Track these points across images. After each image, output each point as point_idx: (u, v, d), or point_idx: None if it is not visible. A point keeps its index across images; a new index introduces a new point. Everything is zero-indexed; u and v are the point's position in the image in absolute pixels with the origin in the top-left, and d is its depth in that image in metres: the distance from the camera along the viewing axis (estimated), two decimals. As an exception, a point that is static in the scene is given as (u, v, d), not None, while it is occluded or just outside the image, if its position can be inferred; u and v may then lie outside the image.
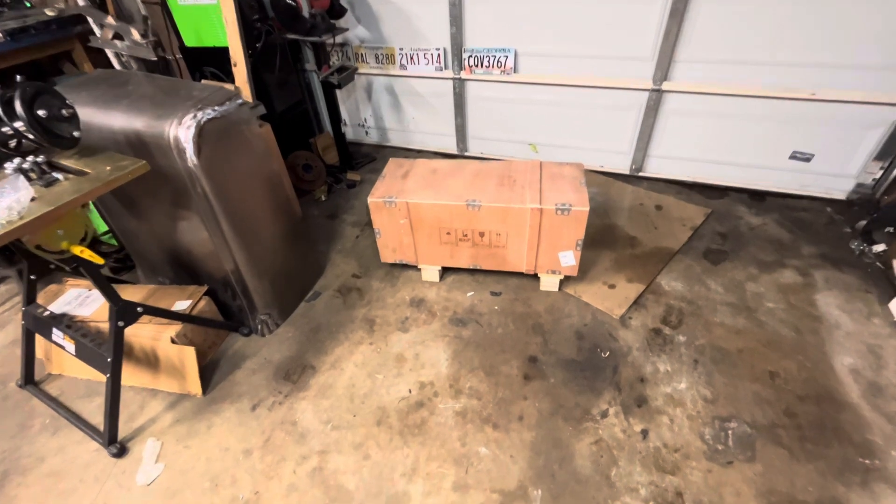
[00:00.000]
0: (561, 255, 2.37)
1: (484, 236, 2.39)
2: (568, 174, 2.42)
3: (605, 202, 3.24)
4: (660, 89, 3.02)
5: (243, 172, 2.06)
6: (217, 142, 1.89)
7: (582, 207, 2.16)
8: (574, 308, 2.46)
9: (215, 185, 1.91)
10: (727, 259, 2.70)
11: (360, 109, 4.13)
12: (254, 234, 2.19)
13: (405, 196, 2.35)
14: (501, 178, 2.44)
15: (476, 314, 2.48)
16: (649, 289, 2.54)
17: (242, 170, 2.05)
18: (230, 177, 1.99)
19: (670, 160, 3.36)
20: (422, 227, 2.44)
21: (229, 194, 1.99)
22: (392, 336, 2.39)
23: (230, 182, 1.99)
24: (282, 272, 2.43)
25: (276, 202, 2.32)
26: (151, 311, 1.98)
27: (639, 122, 3.23)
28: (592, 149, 3.54)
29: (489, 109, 3.64)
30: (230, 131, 1.94)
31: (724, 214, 3.06)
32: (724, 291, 2.49)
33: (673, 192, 3.30)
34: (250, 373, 2.26)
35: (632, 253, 2.78)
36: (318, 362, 2.28)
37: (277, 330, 2.47)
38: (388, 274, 2.78)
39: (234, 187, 2.02)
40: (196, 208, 1.99)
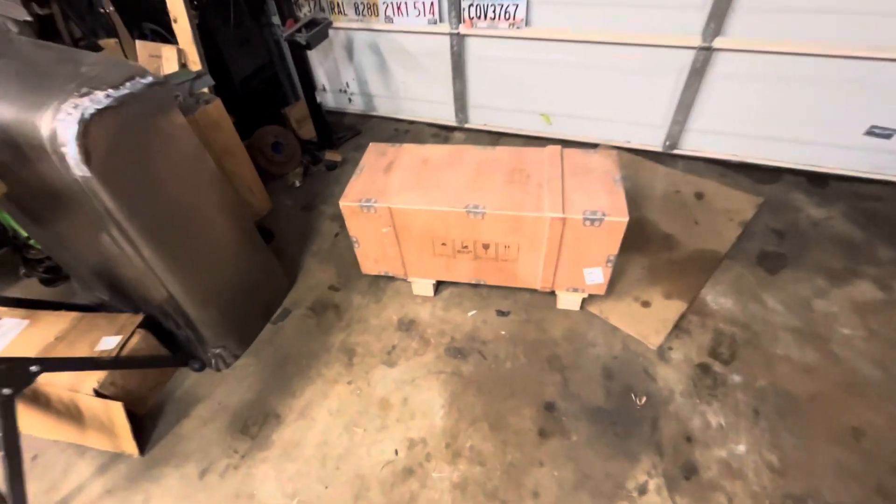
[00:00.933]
0: (586, 272, 1.87)
1: (489, 248, 1.89)
2: (598, 166, 1.87)
3: (634, 188, 2.69)
4: (710, 47, 2.39)
5: (164, 177, 1.53)
6: (116, 140, 1.35)
7: (618, 217, 1.64)
8: (600, 334, 2.00)
9: (121, 198, 1.39)
10: (787, 266, 2.20)
11: (340, 72, 3.48)
12: (189, 255, 1.69)
13: (388, 198, 1.83)
14: (511, 171, 1.90)
15: (479, 342, 2.01)
16: (692, 307, 2.06)
17: (162, 174, 1.52)
18: (143, 186, 1.46)
19: (713, 135, 2.77)
20: (410, 237, 1.93)
21: (144, 208, 1.47)
22: (375, 372, 1.94)
23: (144, 192, 1.47)
24: (237, 294, 1.95)
25: (220, 208, 1.80)
26: (55, 366, 1.52)
27: (678, 88, 2.62)
28: (618, 121, 2.94)
29: (494, 72, 3.00)
30: (136, 125, 1.40)
31: (778, 205, 2.52)
32: (785, 311, 2.01)
33: (715, 175, 2.74)
34: (201, 423, 1.83)
35: (669, 258, 2.28)
36: (284, 408, 1.85)
37: (236, 363, 2.02)
38: (373, 285, 2.30)
39: (150, 198, 1.49)
40: (101, 228, 1.48)
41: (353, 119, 3.64)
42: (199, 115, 2.20)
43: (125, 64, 1.41)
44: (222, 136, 2.36)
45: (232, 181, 2.49)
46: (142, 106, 1.39)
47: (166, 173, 1.52)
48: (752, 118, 2.61)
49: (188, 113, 2.16)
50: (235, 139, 2.44)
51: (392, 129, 3.45)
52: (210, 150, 2.32)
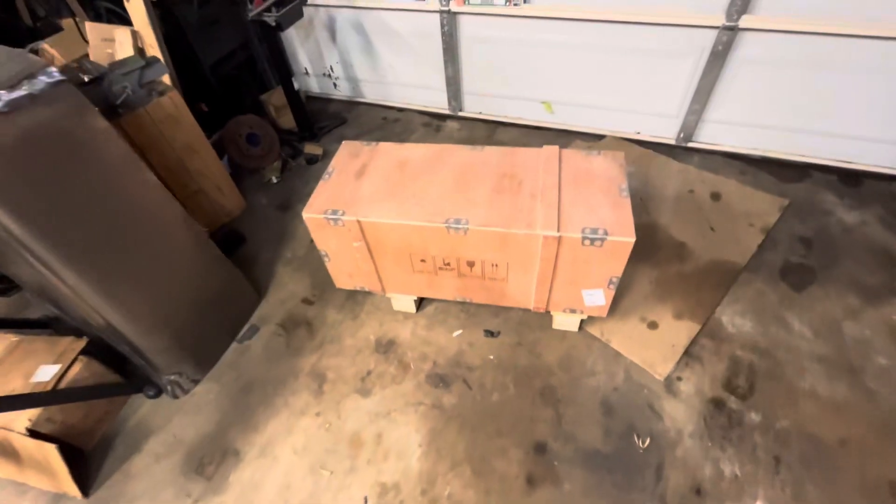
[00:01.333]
0: (585, 294, 1.64)
1: (474, 266, 1.65)
2: (601, 172, 1.61)
3: (643, 187, 2.42)
4: (735, 26, 2.08)
5: (84, 194, 1.30)
6: (14, 154, 1.11)
7: (623, 237, 1.39)
8: (600, 360, 1.77)
9: (27, 221, 1.17)
10: (814, 281, 1.94)
11: (323, 54, 3.19)
12: (127, 279, 1.47)
13: (358, 209, 1.59)
14: (501, 177, 1.64)
15: (464, 368, 1.80)
16: (706, 329, 1.82)
17: (81, 190, 1.29)
18: (56, 205, 1.23)
19: (733, 127, 2.48)
20: (384, 253, 1.70)
21: (60, 231, 1.25)
22: (347, 402, 1.74)
23: (58, 212, 1.24)
24: (192, 315, 1.74)
25: (163, 223, 1.57)
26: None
27: (697, 73, 2.32)
28: (627, 110, 2.64)
29: (490, 55, 2.70)
30: (40, 133, 1.16)
31: (805, 207, 2.24)
32: (812, 336, 1.77)
33: (735, 173, 2.46)
34: (153, 460, 1.65)
35: (680, 270, 2.03)
36: (245, 444, 1.66)
37: (195, 389, 1.83)
38: (350, 298, 2.08)
39: (67, 219, 1.27)
40: (15, 253, 1.27)
41: (339, 106, 3.36)
42: (151, 109, 1.95)
43: (22, 58, 1.16)
44: (182, 132, 2.11)
45: (197, 181, 2.27)
46: (46, 110, 1.15)
47: (86, 189, 1.29)
48: (779, 108, 2.32)
49: (138, 107, 1.92)
50: (198, 134, 2.19)
51: (380, 118, 3.17)
52: (168, 148, 2.11)
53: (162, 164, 2.10)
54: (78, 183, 1.26)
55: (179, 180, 2.20)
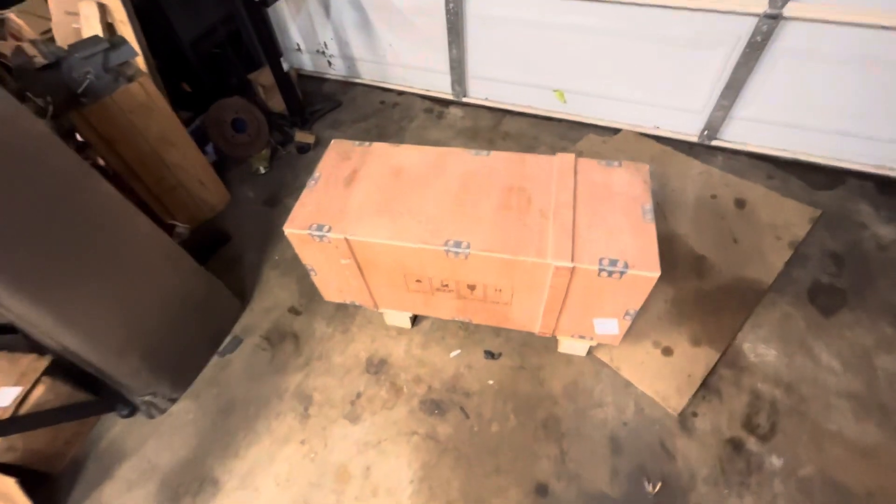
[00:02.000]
0: (597, 322, 1.48)
1: (475, 289, 1.49)
2: (622, 189, 1.42)
3: (661, 190, 2.23)
4: (779, 14, 1.84)
5: (20, 213, 1.12)
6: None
7: (647, 272, 1.22)
8: (609, 390, 1.64)
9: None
10: (846, 305, 1.78)
11: (316, 30, 2.92)
12: (87, 302, 1.31)
13: (346, 224, 1.41)
14: (508, 190, 1.46)
15: (461, 393, 1.67)
16: (726, 357, 1.68)
17: (17, 209, 1.11)
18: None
19: (763, 125, 2.26)
20: (376, 272, 1.53)
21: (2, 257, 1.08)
22: (335, 429, 1.62)
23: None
24: (165, 333, 1.59)
25: (126, 237, 1.40)
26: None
27: (729, 64, 2.08)
28: (646, 102, 2.41)
29: (499, 36, 2.45)
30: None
31: (838, 218, 2.06)
32: (841, 369, 1.62)
33: (762, 177, 2.26)
34: (125, 487, 1.55)
35: (699, 287, 1.87)
36: (224, 473, 1.55)
37: (172, 408, 1.71)
38: (340, 309, 1.93)
39: (9, 242, 1.09)
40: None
41: (334, 86, 3.11)
42: (118, 97, 1.74)
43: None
44: (156, 122, 1.91)
45: (176, 175, 2.08)
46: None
47: (28, 205, 1.11)
48: (817, 106, 2.09)
49: (103, 95, 1.71)
50: (174, 124, 1.98)
51: (378, 102, 2.93)
52: (141, 140, 1.90)
53: (135, 159, 1.91)
54: (17, 199, 1.08)
55: (155, 174, 2.01)
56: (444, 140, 2.63)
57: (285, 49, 3.15)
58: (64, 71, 1.63)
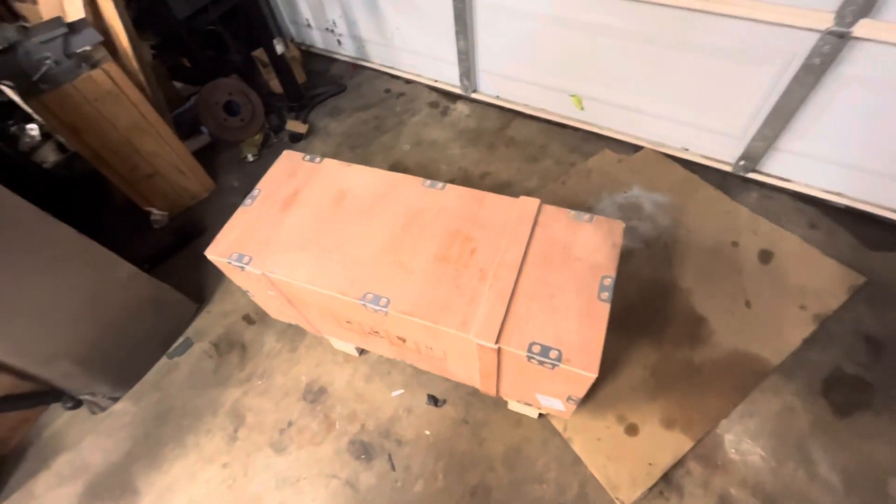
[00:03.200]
0: (541, 397, 1.29)
1: (406, 342, 1.33)
2: (585, 250, 1.18)
3: (673, 227, 1.92)
4: (846, 33, 1.44)
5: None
6: None
7: (581, 370, 1.01)
8: (553, 463, 1.45)
9: None
10: (868, 407, 1.46)
11: (324, 6, 2.72)
12: (7, 313, 1.28)
13: (267, 257, 1.28)
14: (453, 235, 1.26)
15: (393, 440, 1.55)
16: (700, 447, 1.43)
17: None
18: None
19: (814, 161, 1.86)
20: (305, 307, 1.40)
21: None
22: (259, 457, 1.56)
23: None
24: (105, 336, 1.57)
25: (46, 251, 1.35)
26: None
27: (779, 86, 1.70)
28: (676, 119, 2.06)
29: (511, 30, 2.15)
30: None
31: (887, 291, 1.68)
32: (842, 489, 1.34)
33: (802, 224, 1.88)
34: (57, 482, 1.58)
35: (688, 358, 1.60)
36: (146, 484, 1.54)
37: (114, 407, 1.71)
38: (291, 326, 1.84)
39: None
40: None
41: (343, 68, 2.93)
42: (80, 85, 1.67)
43: None
44: (125, 110, 1.84)
45: (152, 163, 2.03)
46: None
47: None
48: (883, 146, 1.69)
49: (63, 82, 1.64)
50: (146, 111, 1.90)
51: (383, 90, 2.73)
52: (110, 128, 1.84)
53: (104, 147, 1.86)
54: None
55: (128, 163, 1.97)
56: (441, 141, 2.41)
57: (296, 24, 2.98)
58: (20, 55, 1.57)
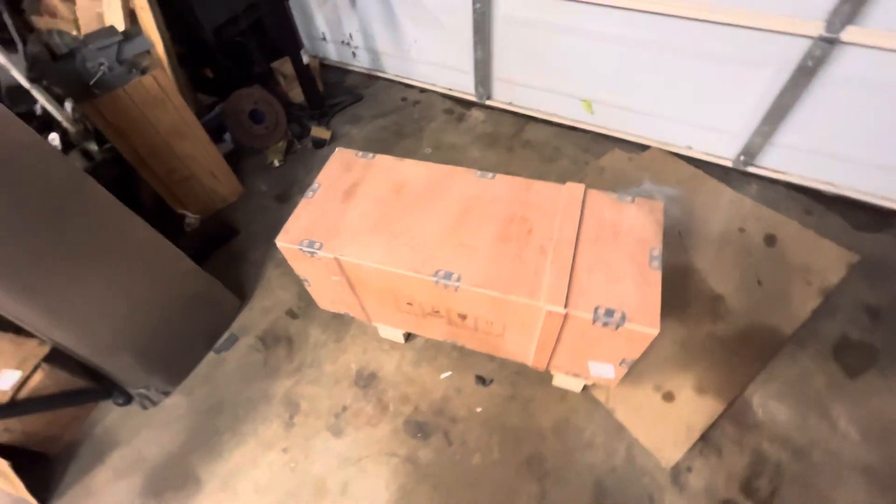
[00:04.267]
0: (592, 365, 1.40)
1: (466, 319, 1.43)
2: (631, 226, 1.32)
3: (685, 217, 2.09)
4: (835, 38, 1.65)
5: (19, 218, 1.12)
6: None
7: (645, 328, 1.13)
8: (600, 432, 1.56)
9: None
10: (875, 366, 1.63)
11: (342, 21, 2.85)
12: (79, 302, 1.33)
13: (338, 243, 1.37)
14: (509, 219, 1.38)
15: (447, 418, 1.63)
16: (731, 410, 1.57)
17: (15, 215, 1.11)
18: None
19: (807, 154, 2.07)
20: (367, 291, 1.49)
21: None
22: (317, 441, 1.61)
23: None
24: (160, 331, 1.61)
25: (119, 241, 1.41)
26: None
27: (775, 87, 1.91)
28: (680, 120, 2.25)
29: (527, 39, 2.32)
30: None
31: (879, 266, 1.88)
32: (860, 439, 1.49)
33: (799, 211, 2.08)
34: (114, 476, 1.60)
35: (712, 331, 1.75)
36: (207, 472, 1.58)
37: (165, 401, 1.74)
38: (336, 318, 1.91)
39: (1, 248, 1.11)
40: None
41: (357, 79, 3.05)
42: (130, 90, 1.75)
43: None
44: (168, 115, 1.91)
45: (188, 166, 2.09)
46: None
47: (20, 212, 1.12)
48: (868, 139, 1.90)
49: (116, 87, 1.71)
50: (187, 116, 1.98)
51: (399, 99, 2.86)
52: (153, 131, 1.91)
53: (146, 150, 1.92)
54: (7, 207, 1.09)
55: (167, 165, 2.03)
56: (461, 145, 2.54)
57: (311, 38, 3.10)
58: (78, 61, 1.64)
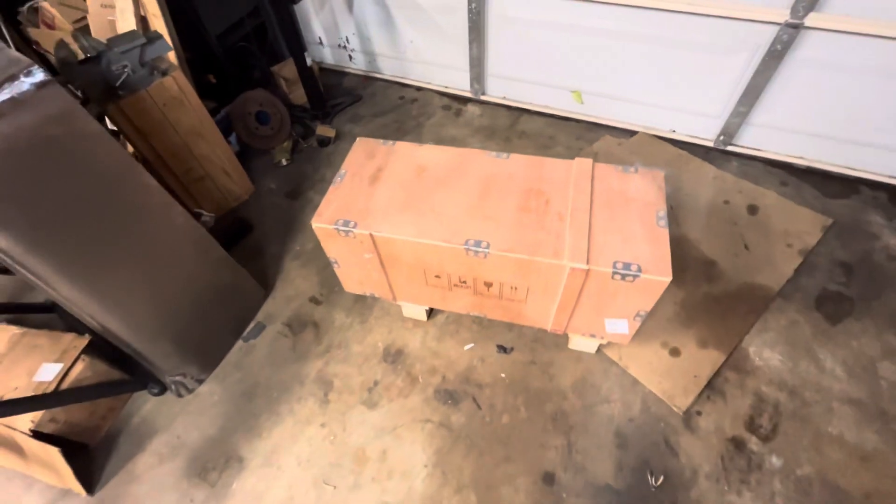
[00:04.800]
0: (608, 322, 1.54)
1: (491, 287, 1.55)
2: (638, 195, 1.47)
3: (675, 194, 2.26)
4: (800, 24, 1.85)
5: (73, 201, 1.19)
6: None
7: (659, 276, 1.28)
8: (616, 387, 1.70)
9: (11, 233, 1.08)
10: (852, 314, 1.82)
11: (338, 24, 2.96)
12: (126, 286, 1.40)
13: (371, 221, 1.48)
14: (527, 193, 1.51)
15: (474, 385, 1.74)
16: (731, 360, 1.73)
17: (71, 198, 1.18)
18: (42, 215, 1.13)
19: (779, 132, 2.28)
20: (398, 267, 1.60)
21: (48, 242, 1.16)
22: (353, 414, 1.70)
23: (44, 223, 1.14)
24: (195, 317, 1.68)
25: (162, 227, 1.48)
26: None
27: (749, 71, 2.10)
28: (664, 106, 2.44)
29: (519, 36, 2.48)
30: (22, 141, 1.04)
31: (850, 228, 2.08)
32: (845, 376, 1.67)
33: (775, 183, 2.28)
34: (156, 460, 1.65)
35: (708, 292, 1.91)
36: (249, 451, 1.64)
37: (199, 389, 1.80)
38: (359, 301, 2.01)
39: (56, 229, 1.17)
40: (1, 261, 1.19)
41: (354, 80, 3.16)
42: (153, 91, 1.82)
43: (2, 57, 1.03)
44: (187, 115, 1.98)
45: (204, 166, 2.16)
46: (30, 116, 1.03)
47: (78, 198, 1.19)
48: (833, 115, 2.11)
49: (139, 88, 1.78)
50: (203, 116, 2.05)
51: (397, 98, 2.98)
52: (172, 132, 1.98)
53: (166, 150, 1.99)
54: (68, 193, 1.16)
55: (184, 166, 2.09)
56: (461, 137, 2.68)
57: (307, 43, 3.20)
58: (103, 64, 1.70)
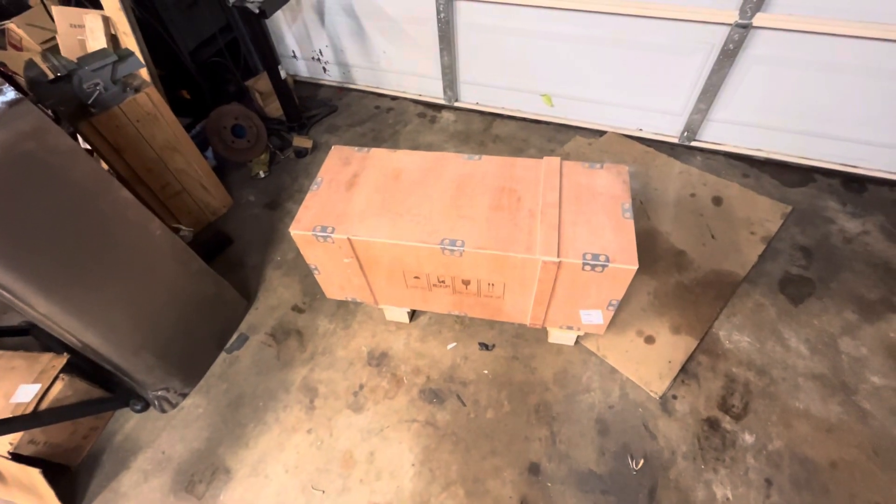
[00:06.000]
0: (583, 314, 1.60)
1: (469, 285, 1.60)
2: (604, 189, 1.54)
3: (644, 189, 2.35)
4: (748, 24, 1.97)
5: (47, 218, 1.20)
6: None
7: (626, 265, 1.34)
8: (596, 376, 1.76)
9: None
10: (813, 294, 1.92)
11: (311, 37, 3.01)
12: (107, 301, 1.40)
13: (349, 225, 1.51)
14: (499, 191, 1.57)
15: (458, 383, 1.78)
16: (703, 344, 1.80)
17: (45, 215, 1.19)
18: (16, 234, 1.14)
19: (738, 127, 2.40)
20: (377, 270, 1.63)
21: (22, 260, 1.16)
22: (339, 419, 1.72)
23: (18, 242, 1.15)
24: (178, 330, 1.68)
25: (140, 241, 1.49)
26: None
27: (705, 70, 2.22)
28: (629, 105, 2.54)
29: (488, 43, 2.56)
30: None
31: (807, 214, 2.20)
32: (808, 353, 1.76)
33: (737, 175, 2.40)
34: (142, 477, 1.63)
35: (679, 281, 1.99)
36: (235, 462, 1.64)
37: (183, 402, 1.79)
38: (341, 307, 2.03)
39: (31, 247, 1.18)
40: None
41: (329, 92, 3.20)
42: (125, 108, 1.82)
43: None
44: (161, 131, 1.99)
45: (180, 181, 2.16)
46: (2, 133, 1.04)
47: (53, 214, 1.20)
48: (786, 109, 2.24)
49: (111, 105, 1.79)
50: (178, 131, 2.06)
51: (372, 107, 3.03)
52: (147, 148, 1.99)
53: (140, 165, 1.99)
54: (44, 208, 1.17)
55: (160, 181, 2.09)
56: (437, 143, 2.74)
57: (281, 56, 3.23)
58: (75, 83, 1.71)
